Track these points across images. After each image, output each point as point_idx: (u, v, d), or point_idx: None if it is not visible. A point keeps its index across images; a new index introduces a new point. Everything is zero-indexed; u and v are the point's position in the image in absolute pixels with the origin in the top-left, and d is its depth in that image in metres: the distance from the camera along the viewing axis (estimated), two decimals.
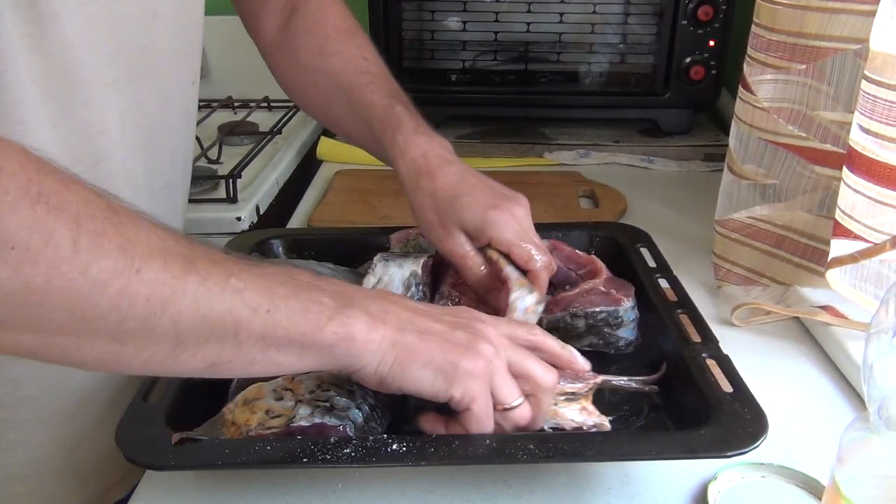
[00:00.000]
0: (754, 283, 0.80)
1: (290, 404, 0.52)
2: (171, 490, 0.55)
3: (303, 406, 0.52)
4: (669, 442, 0.52)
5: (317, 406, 0.52)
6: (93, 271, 0.38)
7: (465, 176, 0.65)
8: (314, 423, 0.51)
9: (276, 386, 0.54)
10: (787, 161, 0.75)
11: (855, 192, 0.62)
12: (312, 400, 0.53)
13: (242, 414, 0.53)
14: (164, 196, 0.71)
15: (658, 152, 1.19)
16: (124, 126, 0.62)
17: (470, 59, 1.22)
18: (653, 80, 1.20)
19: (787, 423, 0.58)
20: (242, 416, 0.53)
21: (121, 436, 0.50)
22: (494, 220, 0.63)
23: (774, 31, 0.71)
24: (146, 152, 0.66)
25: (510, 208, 0.64)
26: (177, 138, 0.72)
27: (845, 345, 0.68)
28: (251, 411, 0.53)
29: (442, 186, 0.64)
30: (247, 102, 1.40)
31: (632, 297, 0.66)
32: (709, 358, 0.57)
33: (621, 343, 0.66)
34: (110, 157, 0.61)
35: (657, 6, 1.16)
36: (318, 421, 0.51)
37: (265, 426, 0.52)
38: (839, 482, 0.41)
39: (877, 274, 0.65)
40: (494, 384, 0.50)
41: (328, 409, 0.52)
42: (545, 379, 0.52)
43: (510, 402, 0.51)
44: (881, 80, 0.59)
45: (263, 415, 0.52)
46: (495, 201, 0.64)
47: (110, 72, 0.59)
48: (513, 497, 0.53)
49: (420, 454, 0.49)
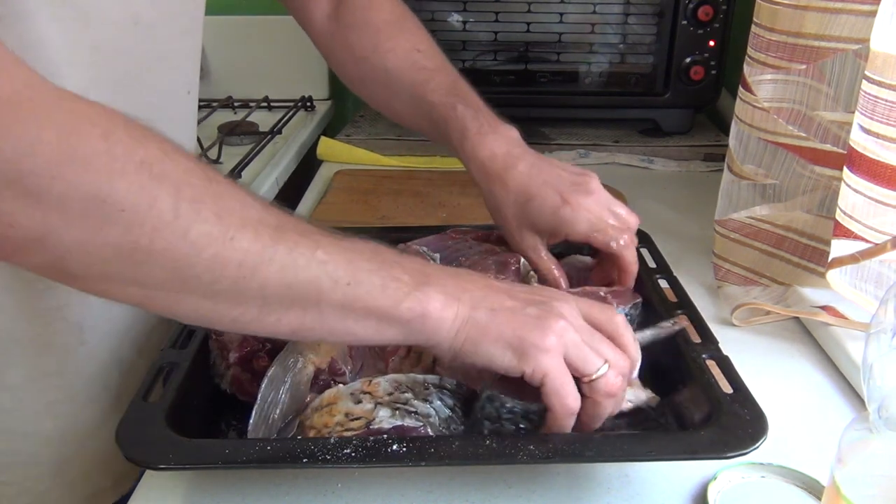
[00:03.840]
0: (754, 284, 0.80)
1: (369, 406, 0.52)
2: (171, 490, 0.55)
3: (383, 408, 0.52)
4: (669, 442, 0.52)
5: (396, 408, 0.52)
6: (191, 236, 0.41)
7: (533, 174, 0.66)
8: (395, 424, 0.51)
9: (354, 389, 0.54)
10: (787, 161, 0.75)
11: (855, 193, 0.62)
12: (391, 402, 0.53)
13: (321, 418, 0.53)
14: None
15: (658, 152, 1.19)
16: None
17: (470, 58, 1.22)
18: (653, 80, 1.20)
19: (787, 424, 0.58)
20: (321, 419, 0.53)
21: (121, 435, 0.50)
22: (566, 217, 0.64)
23: (774, 31, 0.71)
24: None
25: (579, 201, 0.64)
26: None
27: (845, 345, 0.68)
28: (329, 414, 0.53)
29: (511, 192, 0.66)
30: (247, 102, 1.40)
31: (626, 307, 0.64)
32: (709, 358, 0.57)
33: None
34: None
35: (657, 6, 1.16)
36: (398, 423, 0.51)
37: (345, 427, 0.52)
38: (839, 482, 0.41)
39: (877, 274, 0.65)
40: (572, 357, 0.50)
41: (408, 412, 0.52)
42: (617, 364, 0.51)
43: (591, 372, 0.50)
44: (882, 81, 0.59)
45: (343, 417, 0.52)
46: (564, 197, 0.64)
47: (88, 74, 0.58)
48: (513, 497, 0.53)
49: (420, 454, 0.49)
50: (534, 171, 0.66)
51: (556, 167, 0.67)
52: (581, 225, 0.64)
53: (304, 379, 0.57)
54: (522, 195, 0.65)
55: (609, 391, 0.50)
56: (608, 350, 0.51)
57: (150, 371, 0.56)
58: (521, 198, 0.66)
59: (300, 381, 0.56)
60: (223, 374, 0.60)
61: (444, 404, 0.53)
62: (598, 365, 0.50)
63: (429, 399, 0.53)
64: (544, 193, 0.65)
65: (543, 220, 0.65)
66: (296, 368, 0.57)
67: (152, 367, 0.57)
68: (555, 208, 0.64)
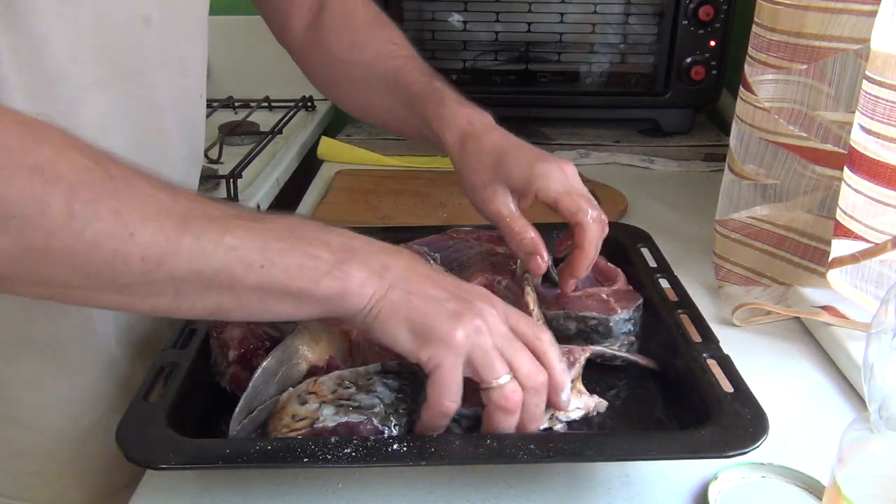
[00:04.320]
0: (755, 284, 0.80)
1: (314, 406, 0.52)
2: (171, 490, 0.55)
3: (327, 407, 0.52)
4: (670, 442, 0.52)
5: (340, 405, 0.52)
6: (87, 235, 0.42)
7: (510, 138, 0.66)
8: (339, 422, 0.51)
9: (300, 391, 0.54)
10: (788, 161, 0.75)
11: (856, 193, 0.62)
12: (335, 399, 0.53)
13: (272, 422, 0.53)
14: None
15: (658, 152, 1.19)
16: (106, 128, 0.62)
17: (471, 58, 1.22)
18: (653, 80, 1.20)
19: (787, 423, 0.58)
20: (272, 424, 0.53)
21: (121, 435, 0.50)
22: (542, 171, 0.62)
23: (775, 32, 0.71)
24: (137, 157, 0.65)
25: (558, 162, 0.63)
26: (176, 149, 0.72)
27: (846, 345, 0.67)
28: (278, 418, 0.53)
29: (488, 146, 0.65)
30: (247, 102, 1.40)
31: (630, 310, 0.64)
32: (709, 358, 0.57)
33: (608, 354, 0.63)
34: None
35: (658, 6, 1.16)
36: (342, 420, 0.51)
37: (290, 428, 0.52)
38: (839, 482, 0.41)
39: (877, 274, 0.65)
40: (474, 359, 0.49)
41: (351, 407, 0.52)
42: (530, 378, 0.50)
43: (489, 379, 0.49)
44: (882, 81, 0.59)
45: (290, 419, 0.52)
46: (542, 156, 0.64)
47: (92, 73, 0.59)
48: (513, 497, 0.53)
49: (420, 454, 0.49)
50: (511, 137, 0.66)
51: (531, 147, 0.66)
52: (555, 183, 0.62)
53: (296, 375, 0.57)
54: (499, 150, 0.64)
55: (502, 404, 0.49)
56: (523, 362, 0.50)
57: (150, 371, 0.56)
58: (497, 151, 0.64)
59: (291, 375, 0.56)
60: (224, 371, 0.60)
61: (389, 388, 0.53)
62: (498, 374, 0.49)
63: (372, 389, 0.53)
64: (523, 149, 0.65)
65: (518, 171, 0.63)
66: (290, 363, 0.57)
67: (153, 367, 0.57)
68: (532, 161, 0.63)
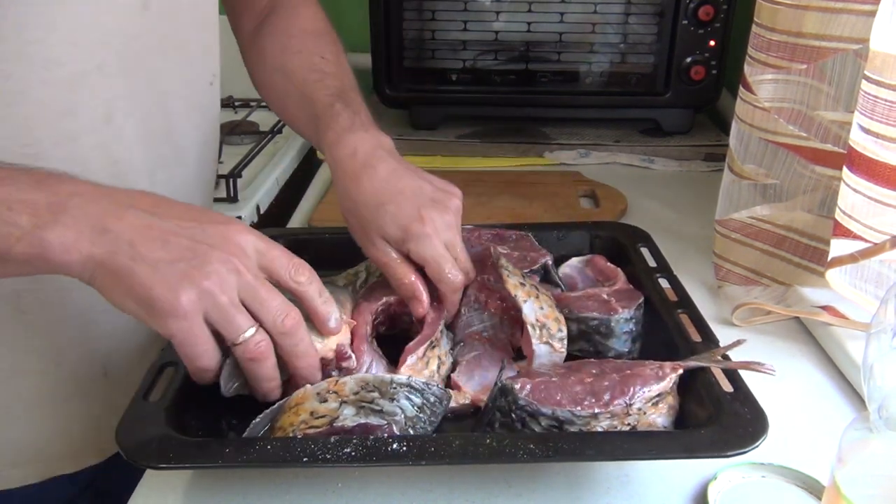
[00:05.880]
0: (755, 283, 0.80)
1: (334, 405, 0.52)
2: (171, 490, 0.55)
3: (347, 406, 0.52)
4: (669, 442, 0.52)
5: (361, 407, 0.52)
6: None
7: (392, 180, 0.62)
8: (359, 422, 0.51)
9: (320, 389, 0.54)
10: (788, 161, 0.75)
11: (855, 192, 0.62)
12: (357, 401, 0.53)
13: (287, 417, 0.53)
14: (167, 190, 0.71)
15: (658, 152, 1.19)
16: (109, 113, 0.62)
17: (470, 58, 1.22)
18: (653, 80, 1.20)
19: (787, 423, 0.58)
20: (287, 419, 0.53)
21: (121, 435, 0.50)
22: (415, 234, 0.60)
23: (775, 31, 0.71)
24: (144, 143, 0.67)
25: (434, 219, 0.61)
26: (186, 135, 0.72)
27: (845, 345, 0.68)
28: (295, 414, 0.53)
29: (366, 193, 0.62)
30: (247, 102, 1.40)
31: (631, 309, 0.64)
32: None
33: (611, 354, 0.63)
34: (78, 140, 0.61)
35: (658, 6, 1.16)
36: (362, 421, 0.51)
37: (309, 425, 0.52)
38: (839, 482, 0.41)
39: (877, 274, 0.65)
40: (212, 319, 0.49)
41: (373, 410, 0.52)
42: (276, 325, 0.50)
43: (233, 337, 0.49)
44: (881, 80, 0.59)
45: (308, 416, 0.52)
46: (420, 212, 0.60)
47: (93, 58, 0.60)
48: (513, 497, 0.53)
49: (420, 454, 0.49)
50: (393, 177, 0.62)
51: (419, 177, 0.63)
52: (425, 248, 0.60)
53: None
54: (376, 198, 0.61)
55: (250, 356, 0.50)
56: (268, 310, 0.50)
57: (150, 371, 0.56)
58: (374, 201, 0.61)
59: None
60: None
61: (412, 403, 0.53)
62: (240, 329, 0.49)
63: (395, 398, 0.53)
64: (400, 200, 0.61)
65: (392, 231, 0.61)
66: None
67: (152, 367, 0.57)
68: (408, 220, 0.60)
